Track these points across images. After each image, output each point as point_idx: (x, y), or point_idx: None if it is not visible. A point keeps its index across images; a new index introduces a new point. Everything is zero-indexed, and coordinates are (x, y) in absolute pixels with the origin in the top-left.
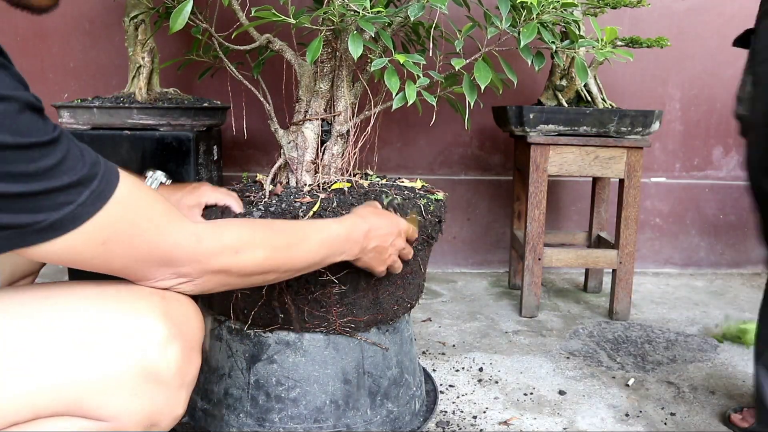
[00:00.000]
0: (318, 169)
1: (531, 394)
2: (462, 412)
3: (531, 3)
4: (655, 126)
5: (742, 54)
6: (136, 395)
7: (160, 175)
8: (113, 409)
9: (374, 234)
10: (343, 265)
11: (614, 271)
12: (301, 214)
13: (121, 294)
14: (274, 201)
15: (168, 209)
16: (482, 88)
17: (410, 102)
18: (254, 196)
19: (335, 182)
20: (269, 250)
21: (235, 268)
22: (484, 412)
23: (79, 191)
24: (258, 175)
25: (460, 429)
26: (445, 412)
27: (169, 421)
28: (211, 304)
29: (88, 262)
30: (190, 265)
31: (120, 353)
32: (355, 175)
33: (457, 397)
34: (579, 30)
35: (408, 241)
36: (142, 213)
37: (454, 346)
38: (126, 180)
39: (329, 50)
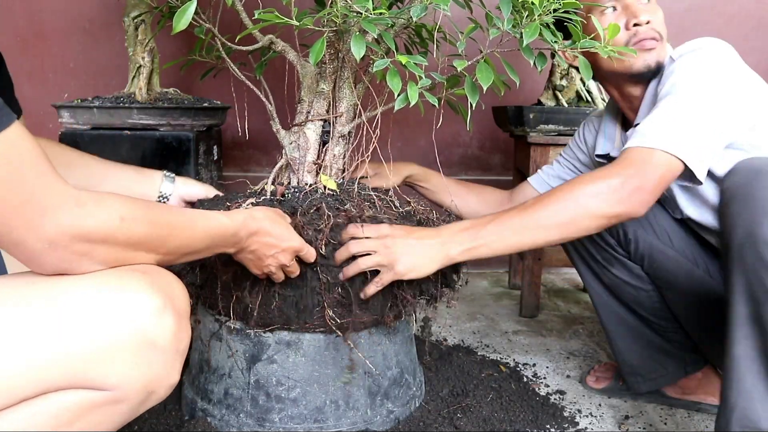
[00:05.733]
0: (320, 170)
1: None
2: None
3: (533, 4)
4: None
5: (742, 54)
6: (137, 363)
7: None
8: (116, 378)
9: (258, 239)
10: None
11: None
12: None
13: (108, 274)
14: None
15: (53, 169)
16: (484, 89)
17: (412, 103)
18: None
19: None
20: (150, 226)
21: (112, 237)
22: None
23: None
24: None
25: None
26: None
27: (165, 388)
28: (211, 304)
29: None
30: (67, 228)
31: (119, 325)
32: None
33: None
34: (580, 29)
35: (302, 260)
36: (28, 159)
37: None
38: (20, 127)
39: (332, 51)
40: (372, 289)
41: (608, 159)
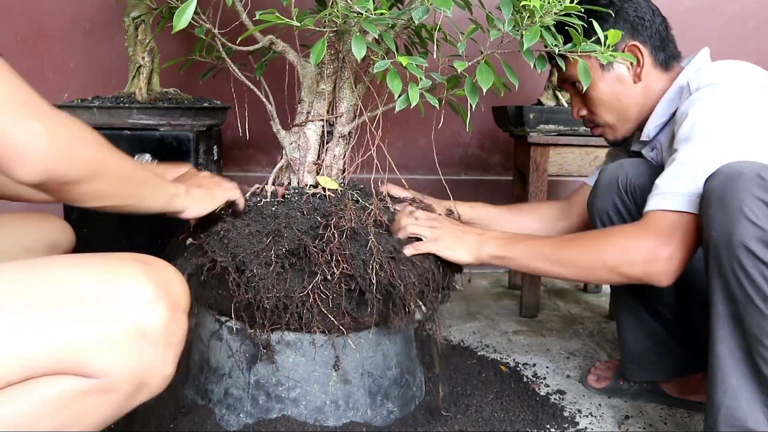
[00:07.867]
0: (320, 170)
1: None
2: None
3: (534, 6)
4: None
5: (742, 54)
6: (126, 352)
7: (147, 157)
8: (104, 366)
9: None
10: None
11: None
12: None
13: (107, 261)
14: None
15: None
16: (484, 90)
17: (413, 104)
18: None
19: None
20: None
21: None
22: None
23: None
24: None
25: None
26: None
27: (158, 380)
28: (211, 304)
29: None
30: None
31: (110, 313)
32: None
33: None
34: (580, 33)
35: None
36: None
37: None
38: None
39: (332, 52)
40: (409, 251)
41: (639, 155)
